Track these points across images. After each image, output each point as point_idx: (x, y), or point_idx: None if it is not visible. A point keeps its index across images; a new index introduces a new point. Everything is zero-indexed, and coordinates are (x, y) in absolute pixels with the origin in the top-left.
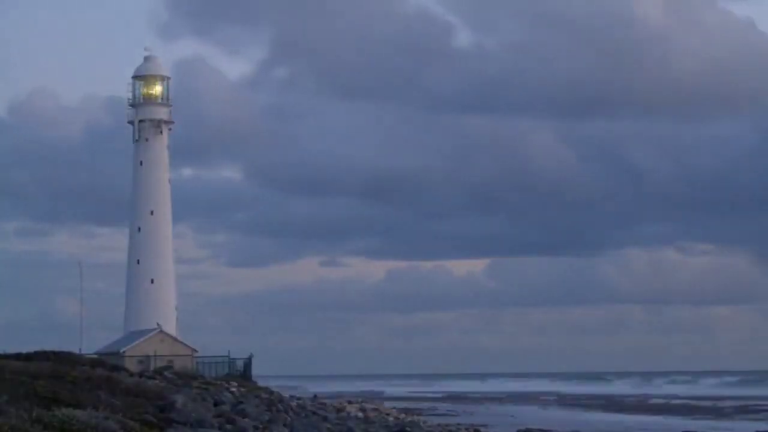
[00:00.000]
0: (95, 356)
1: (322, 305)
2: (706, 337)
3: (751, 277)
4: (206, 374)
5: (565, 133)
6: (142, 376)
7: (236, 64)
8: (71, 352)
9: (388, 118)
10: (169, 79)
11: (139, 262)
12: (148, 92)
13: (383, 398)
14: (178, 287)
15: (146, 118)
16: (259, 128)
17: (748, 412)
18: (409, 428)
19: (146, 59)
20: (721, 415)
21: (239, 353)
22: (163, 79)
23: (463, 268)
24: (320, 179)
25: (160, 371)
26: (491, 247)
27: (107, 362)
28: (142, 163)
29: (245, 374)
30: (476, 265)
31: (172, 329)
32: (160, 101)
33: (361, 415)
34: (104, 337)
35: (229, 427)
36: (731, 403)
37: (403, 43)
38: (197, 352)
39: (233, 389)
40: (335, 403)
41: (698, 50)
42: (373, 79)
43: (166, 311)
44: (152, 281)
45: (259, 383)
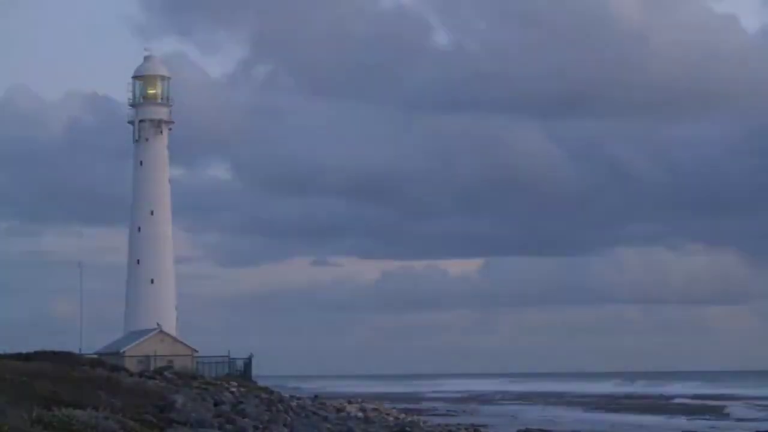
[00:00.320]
0: (95, 356)
1: (317, 305)
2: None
3: (740, 276)
4: (206, 374)
5: (548, 132)
6: (142, 376)
7: (214, 63)
8: (71, 352)
9: (368, 116)
10: (169, 78)
11: (139, 262)
12: (148, 92)
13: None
14: (177, 287)
15: (146, 118)
16: (242, 127)
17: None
18: (409, 428)
19: (146, 59)
20: (720, 414)
21: (232, 353)
22: (163, 79)
23: (455, 268)
24: (305, 178)
25: (160, 371)
26: (482, 247)
27: (107, 362)
28: (142, 163)
29: (245, 374)
30: (467, 265)
31: (172, 329)
32: (160, 101)
33: (361, 415)
34: (101, 337)
35: (229, 427)
36: (731, 402)
37: (381, 41)
38: (197, 352)
39: (233, 389)
40: (335, 403)
41: (679, 47)
42: (351, 77)
43: (166, 311)
44: (152, 281)
45: (257, 383)
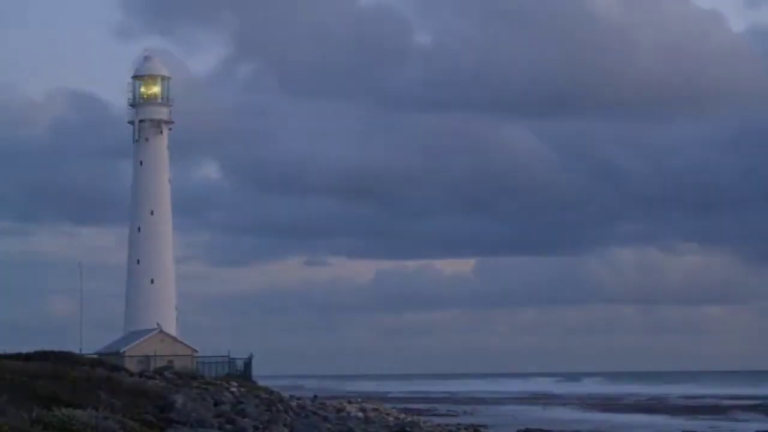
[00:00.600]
0: (95, 356)
1: (312, 305)
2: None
3: (733, 275)
4: (206, 374)
5: (534, 131)
6: (142, 376)
7: (196, 62)
8: (71, 352)
9: (351, 116)
10: (169, 78)
11: (139, 262)
12: (147, 92)
13: (383, 398)
14: (177, 287)
15: (146, 118)
16: (229, 127)
17: (747, 411)
18: (409, 428)
19: (146, 59)
20: (719, 414)
21: (225, 352)
22: (163, 78)
23: (448, 267)
24: (295, 178)
25: (160, 371)
26: (476, 246)
27: (107, 362)
28: (142, 162)
29: (245, 374)
30: (460, 264)
31: (172, 329)
32: (159, 101)
33: (361, 415)
34: (101, 337)
35: (229, 427)
36: (730, 402)
37: (361, 40)
38: (197, 352)
39: (233, 389)
40: (335, 403)
41: (662, 45)
42: (333, 77)
43: (166, 311)
44: (152, 281)
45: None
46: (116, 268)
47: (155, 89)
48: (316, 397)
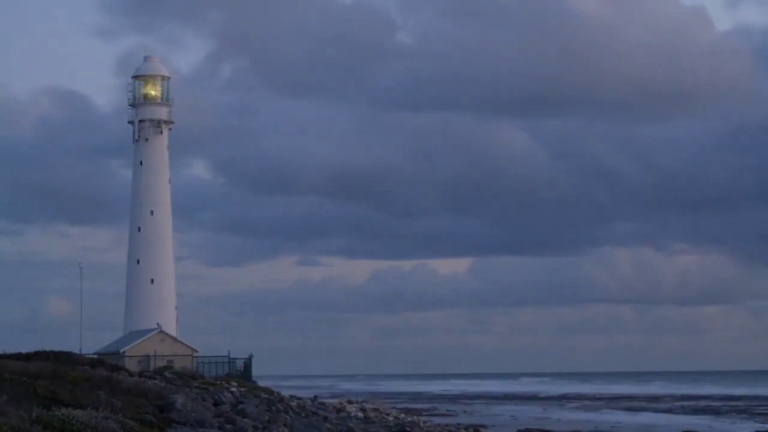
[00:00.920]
0: (95, 356)
1: (307, 305)
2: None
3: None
4: (206, 374)
5: (523, 130)
6: (142, 376)
7: (179, 61)
8: (71, 352)
9: (337, 115)
10: (169, 78)
11: (139, 262)
12: (147, 92)
13: (383, 398)
14: (177, 287)
15: (146, 118)
16: (214, 126)
17: (747, 412)
18: (409, 428)
19: (146, 59)
20: (720, 414)
21: (220, 351)
22: (163, 78)
23: (442, 267)
24: (284, 177)
25: (160, 371)
26: (468, 246)
27: (107, 362)
28: (142, 163)
29: (245, 374)
30: (454, 264)
31: (172, 329)
32: (159, 101)
33: (361, 415)
34: (100, 337)
35: (229, 427)
36: (730, 402)
37: (345, 39)
38: (197, 352)
39: (233, 389)
40: (335, 403)
41: (648, 43)
42: (317, 75)
43: (166, 311)
44: (152, 281)
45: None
46: (114, 267)
47: (155, 89)
48: (316, 397)
